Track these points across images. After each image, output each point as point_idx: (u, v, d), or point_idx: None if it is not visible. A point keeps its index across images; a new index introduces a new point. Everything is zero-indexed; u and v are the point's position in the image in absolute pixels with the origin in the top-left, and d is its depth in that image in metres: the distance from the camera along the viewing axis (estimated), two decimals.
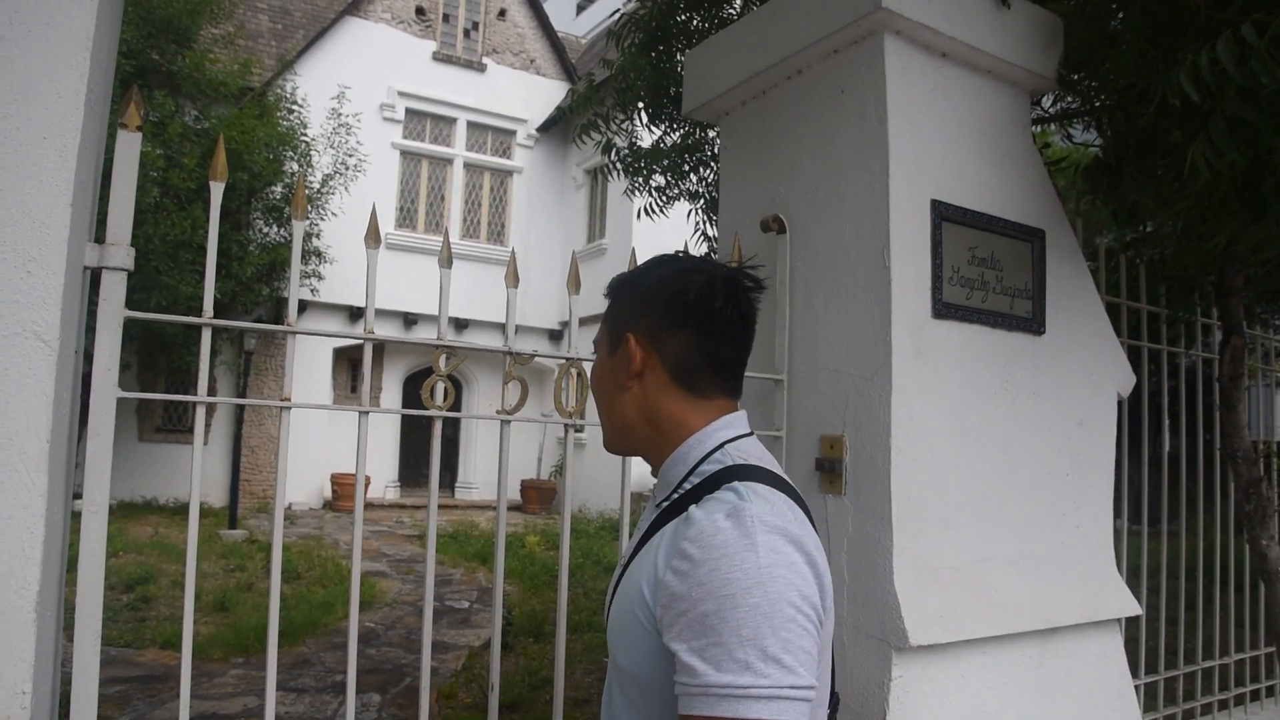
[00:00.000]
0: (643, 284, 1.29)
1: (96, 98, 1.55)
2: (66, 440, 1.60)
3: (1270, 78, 1.74)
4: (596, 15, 34.57)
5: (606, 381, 1.29)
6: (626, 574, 1.18)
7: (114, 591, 7.70)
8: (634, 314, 1.27)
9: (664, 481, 1.25)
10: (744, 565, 1.01)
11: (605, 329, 1.31)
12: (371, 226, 1.94)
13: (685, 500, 1.15)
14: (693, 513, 1.09)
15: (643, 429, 1.27)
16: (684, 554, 1.04)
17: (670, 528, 1.13)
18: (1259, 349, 4.33)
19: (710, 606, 1.00)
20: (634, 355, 1.24)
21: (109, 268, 1.60)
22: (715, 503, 1.09)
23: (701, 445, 1.22)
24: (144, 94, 11.36)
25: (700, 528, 1.05)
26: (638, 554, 1.18)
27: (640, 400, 1.26)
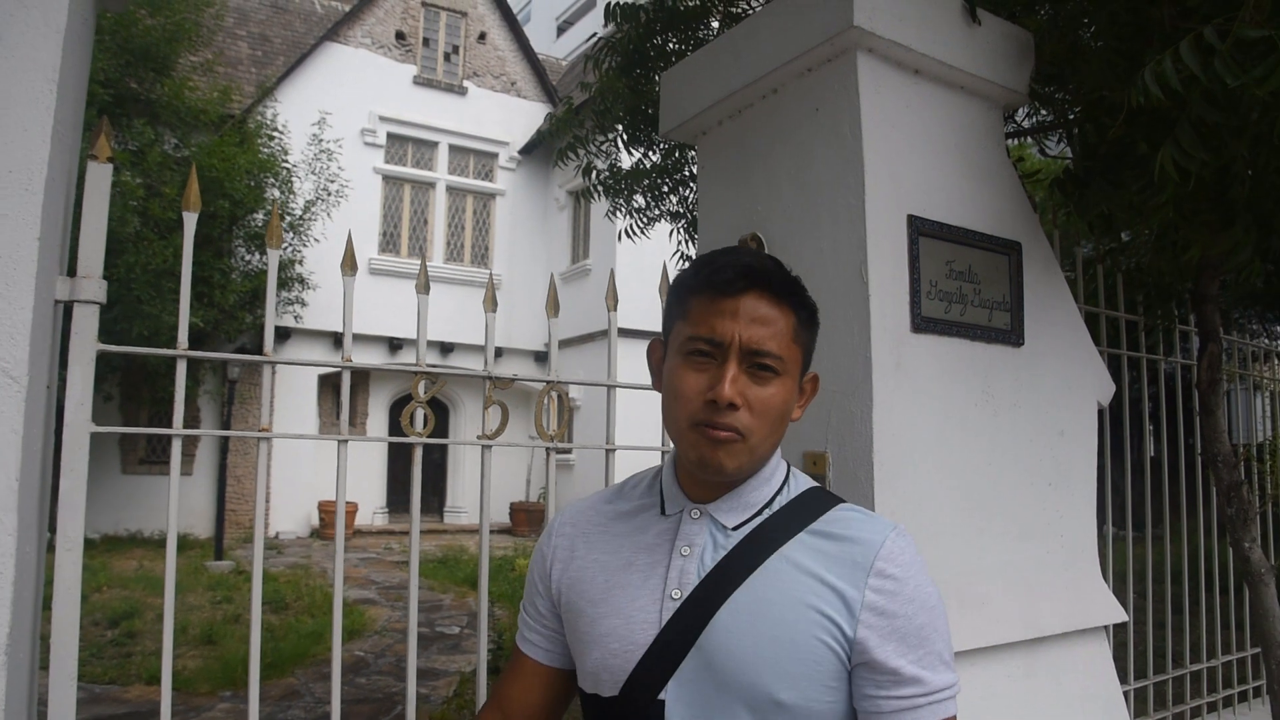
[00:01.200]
0: (815, 311, 1.25)
1: (65, 130, 1.54)
2: (39, 477, 1.58)
3: (1233, 78, 1.76)
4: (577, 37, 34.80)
5: (787, 406, 1.19)
6: (745, 601, 1.12)
7: (98, 627, 7.61)
8: (813, 347, 1.25)
9: (742, 502, 1.19)
10: (931, 581, 1.15)
11: (800, 356, 1.20)
12: (348, 254, 1.94)
13: (791, 521, 1.17)
14: (858, 533, 1.15)
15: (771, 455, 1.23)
16: (884, 573, 1.11)
17: (815, 550, 1.14)
18: (1236, 354, 4.36)
19: (924, 619, 1.11)
20: (811, 393, 1.26)
21: (80, 301, 1.59)
22: (867, 522, 1.17)
23: (781, 467, 1.25)
24: (122, 122, 11.37)
25: (889, 548, 1.12)
26: (747, 578, 1.13)
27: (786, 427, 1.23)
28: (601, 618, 1.20)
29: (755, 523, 1.18)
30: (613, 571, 1.22)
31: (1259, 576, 2.98)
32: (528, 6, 41.43)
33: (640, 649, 1.14)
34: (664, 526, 1.22)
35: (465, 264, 17.01)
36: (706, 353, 1.15)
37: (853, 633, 1.08)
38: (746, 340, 1.13)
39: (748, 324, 1.14)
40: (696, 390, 1.14)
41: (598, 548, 1.27)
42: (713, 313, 1.15)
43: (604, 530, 1.28)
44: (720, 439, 1.13)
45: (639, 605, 1.17)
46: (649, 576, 1.19)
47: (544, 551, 1.32)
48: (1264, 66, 1.74)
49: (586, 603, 1.22)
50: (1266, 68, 1.73)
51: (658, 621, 1.15)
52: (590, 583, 1.23)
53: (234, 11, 16.98)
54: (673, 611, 1.14)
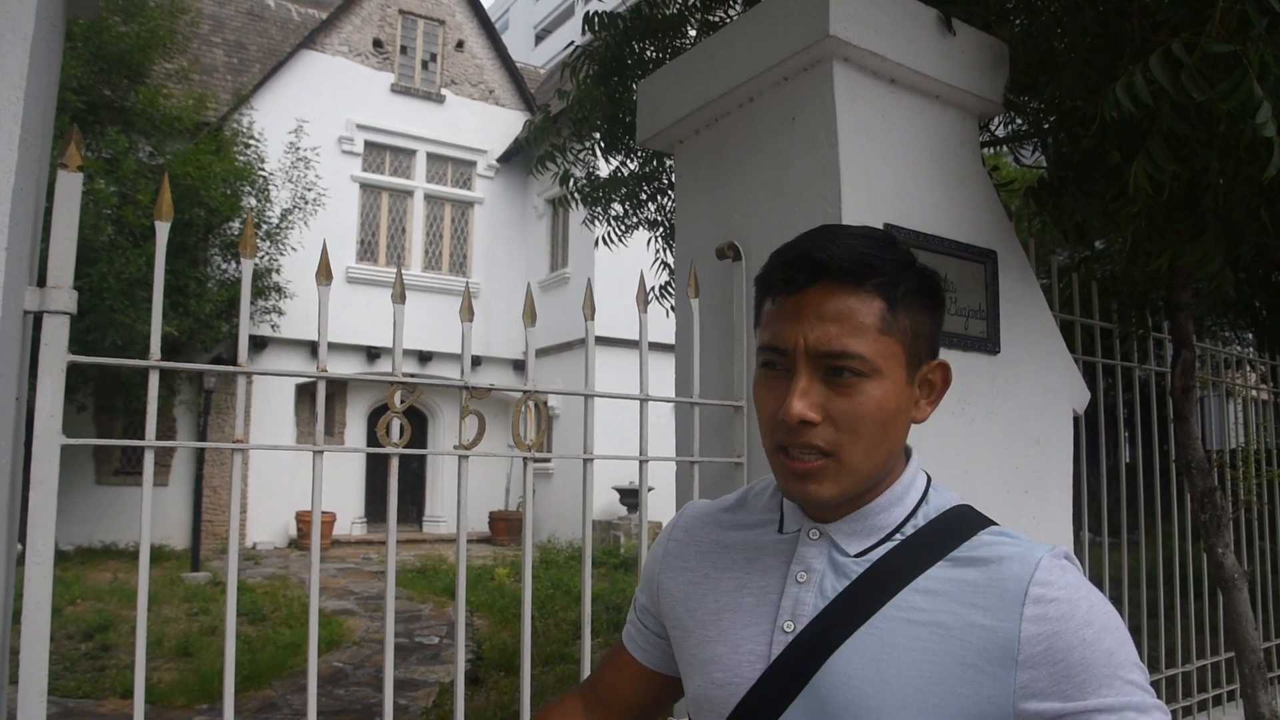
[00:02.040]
0: (928, 284, 1.03)
1: (33, 138, 1.52)
2: (9, 489, 1.56)
3: (1201, 92, 1.79)
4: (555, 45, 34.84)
5: (887, 412, 0.97)
6: (870, 644, 0.95)
7: (72, 640, 7.50)
8: (934, 329, 1.04)
9: (868, 525, 1.02)
10: (1105, 600, 0.94)
11: (899, 347, 0.98)
12: (322, 264, 1.92)
13: (927, 548, 0.99)
14: (1003, 554, 0.95)
15: (891, 467, 1.03)
16: (1043, 599, 0.90)
17: (956, 581, 0.95)
18: (1209, 361, 4.41)
19: (1111, 641, 0.90)
20: (941, 385, 1.06)
21: (50, 311, 1.56)
22: (1015, 543, 0.97)
23: (918, 482, 1.06)
24: (96, 130, 11.26)
25: (1045, 569, 0.92)
26: (873, 616, 0.97)
27: (906, 435, 1.04)
28: (708, 642, 1.08)
29: (883, 550, 1.01)
30: (725, 592, 1.09)
31: (1232, 581, 3.01)
32: (506, 15, 41.46)
33: (746, 683, 1.02)
34: (781, 547, 1.08)
35: (443, 272, 16.96)
36: (774, 363, 1.00)
37: (1012, 678, 0.89)
38: (814, 343, 0.95)
39: (814, 323, 0.96)
40: (772, 410, 0.99)
41: (710, 561, 1.14)
42: (777, 315, 1.00)
43: (718, 542, 1.15)
44: (800, 470, 0.97)
45: (748, 635, 1.04)
46: (761, 602, 1.05)
47: (658, 551, 1.22)
48: (1229, 81, 1.77)
49: (695, 623, 1.11)
50: (1232, 82, 1.77)
51: (766, 656, 1.01)
52: (700, 601, 1.11)
53: (209, 19, 16.88)
54: (784, 646, 1.00)
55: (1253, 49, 1.76)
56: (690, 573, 1.15)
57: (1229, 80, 1.77)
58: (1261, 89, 1.74)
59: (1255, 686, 2.98)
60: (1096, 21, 2.31)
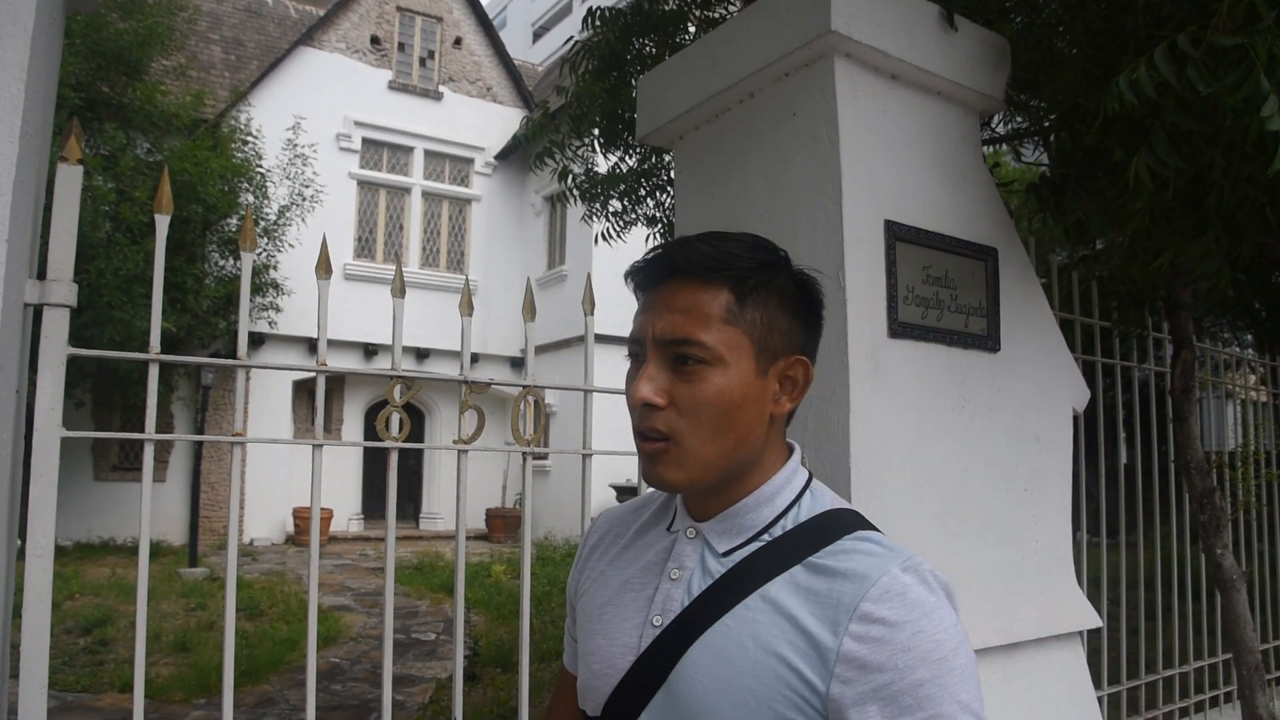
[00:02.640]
0: (782, 285, 1.07)
1: (33, 130, 1.51)
2: (9, 483, 1.55)
3: (1206, 86, 1.78)
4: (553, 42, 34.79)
5: (732, 400, 1.00)
6: (716, 641, 0.98)
7: (70, 635, 7.50)
8: (800, 329, 1.08)
9: (736, 525, 1.05)
10: (945, 624, 0.92)
11: (741, 335, 1.01)
12: (322, 258, 1.92)
13: (788, 551, 1.00)
14: (853, 567, 0.95)
15: (748, 460, 1.05)
16: (870, 617, 0.91)
17: (804, 588, 0.97)
18: (1209, 362, 4.41)
19: (924, 674, 0.89)
20: (803, 383, 1.08)
21: (50, 304, 1.56)
22: (870, 555, 0.97)
23: (793, 483, 1.07)
24: (94, 126, 11.24)
25: (884, 586, 0.92)
26: (723, 615, 0.99)
27: (767, 428, 1.06)
28: (592, 634, 1.12)
29: (748, 550, 1.03)
30: (612, 588, 1.14)
31: (1231, 582, 3.01)
32: (503, 12, 41.39)
33: (619, 674, 1.06)
34: (664, 545, 1.11)
35: (441, 269, 16.94)
36: (634, 354, 1.05)
37: (825, 689, 0.91)
38: (660, 331, 1.01)
39: (663, 313, 1.01)
40: (629, 396, 1.04)
41: (608, 559, 1.18)
42: (639, 309, 1.07)
43: (619, 541, 1.19)
44: (647, 451, 1.02)
45: (624, 628, 1.08)
46: (638, 598, 1.09)
47: (577, 563, 1.26)
48: (1236, 74, 1.76)
49: (585, 617, 1.16)
50: (1238, 76, 1.75)
51: (636, 648, 1.05)
52: (591, 598, 1.16)
53: (207, 16, 16.84)
54: (651, 639, 1.04)
55: (1260, 42, 1.74)
56: (591, 570, 1.20)
57: (1235, 73, 1.75)
58: (1269, 82, 1.72)
59: (1253, 688, 2.98)
60: (1099, 17, 2.30)
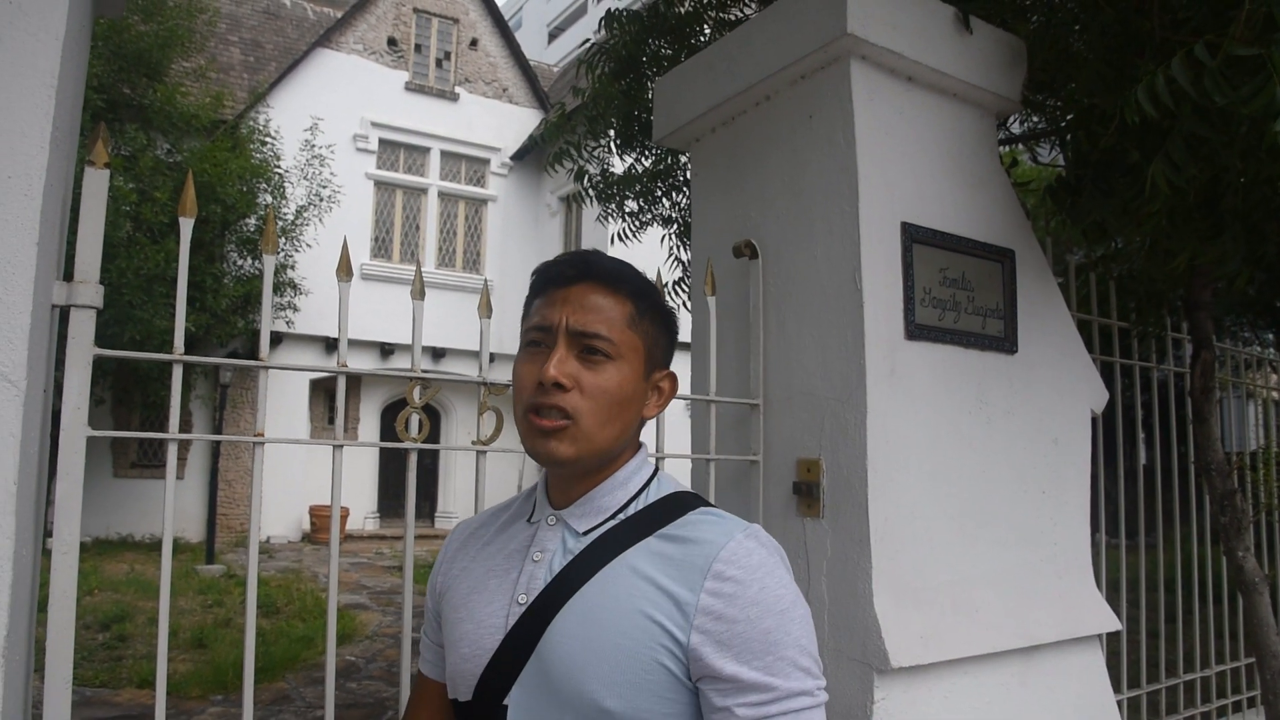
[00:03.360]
0: (664, 308, 1.26)
1: (63, 135, 1.54)
2: (35, 480, 1.58)
3: (1223, 96, 1.78)
4: (568, 43, 34.84)
5: (624, 393, 1.16)
6: (581, 607, 1.10)
7: (89, 630, 7.57)
8: (668, 346, 1.26)
9: (594, 507, 1.18)
10: (784, 581, 1.09)
11: (640, 345, 1.19)
12: (343, 259, 1.94)
13: (642, 525, 1.15)
14: (702, 535, 1.11)
15: (618, 451, 1.20)
16: (722, 575, 1.06)
17: (658, 554, 1.11)
18: (1229, 362, 4.38)
19: (770, 623, 1.05)
20: (669, 393, 1.25)
21: (77, 305, 1.58)
22: (715, 524, 1.13)
23: (642, 471, 1.23)
24: (115, 128, 11.34)
25: (731, 550, 1.08)
26: (585, 584, 1.11)
27: (637, 426, 1.23)
28: (458, 622, 1.21)
29: (606, 528, 1.16)
30: (476, 578, 1.23)
31: (1253, 585, 2.99)
32: (519, 13, 41.47)
33: (488, 654, 1.15)
34: (526, 534, 1.23)
35: (457, 269, 16.99)
36: (539, 341, 1.17)
37: (686, 639, 1.05)
38: (574, 323, 1.15)
39: (576, 309, 1.16)
40: (530, 378, 1.15)
41: (470, 556, 1.28)
42: (546, 303, 1.19)
43: (481, 540, 1.29)
44: (548, 428, 1.12)
45: (490, 610, 1.18)
46: (503, 583, 1.19)
47: (436, 567, 1.34)
48: (1251, 85, 1.76)
49: (450, 609, 1.24)
50: (1254, 86, 1.76)
51: (504, 627, 1.15)
52: (455, 590, 1.25)
53: (226, 18, 16.96)
54: (518, 617, 1.14)
55: (1277, 52, 1.75)
56: (456, 569, 1.29)
57: (1252, 84, 1.75)
58: None
59: (1276, 693, 2.95)
60: (1115, 20, 2.30)
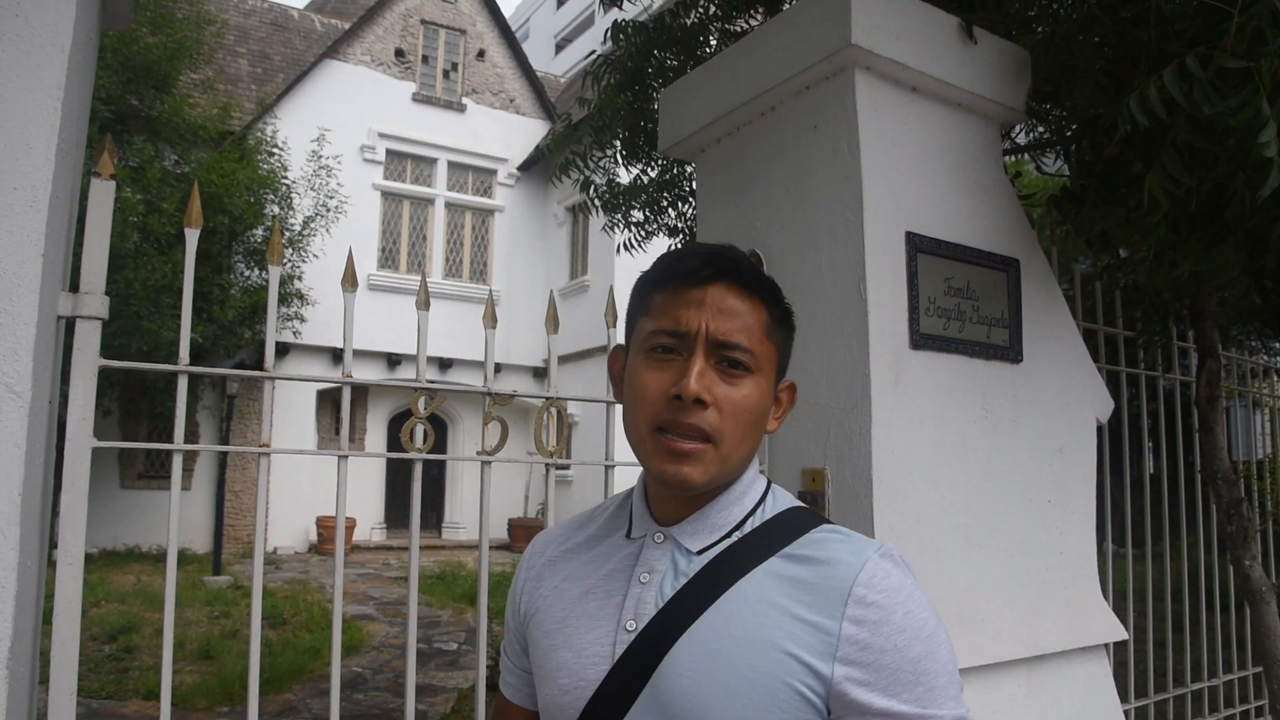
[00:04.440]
0: (791, 312, 1.14)
1: (69, 147, 1.55)
2: (40, 491, 1.58)
3: (1211, 106, 1.81)
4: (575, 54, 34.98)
5: (761, 410, 1.06)
6: (703, 636, 0.99)
7: (96, 641, 7.58)
8: (789, 356, 1.14)
9: (709, 524, 1.07)
10: (924, 603, 1.00)
11: (774, 355, 1.08)
12: (348, 270, 1.94)
13: (762, 545, 1.04)
14: (833, 555, 1.01)
15: (745, 469, 1.10)
16: (864, 601, 0.96)
17: (786, 577, 1.01)
18: (1235, 371, 4.37)
19: (919, 650, 0.96)
20: (787, 405, 1.15)
21: (83, 317, 1.59)
22: (845, 543, 1.03)
23: (757, 485, 1.12)
24: (123, 139, 11.40)
25: (870, 572, 0.98)
26: (707, 610, 1.00)
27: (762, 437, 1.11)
28: (554, 649, 1.09)
29: (722, 547, 1.05)
30: (571, 601, 1.11)
31: (1260, 595, 2.97)
32: (526, 24, 41.67)
33: (592, 685, 1.03)
34: (628, 551, 1.11)
35: (464, 280, 17.03)
36: (670, 347, 1.03)
37: (829, 673, 0.95)
38: (714, 331, 1.02)
39: (715, 314, 1.02)
40: (659, 389, 1.02)
41: (561, 575, 1.16)
42: (677, 303, 1.04)
43: (571, 556, 1.17)
44: (681, 450, 1.01)
45: (591, 638, 1.06)
46: (605, 606, 1.07)
47: (516, 585, 1.23)
48: (1239, 96, 1.80)
49: (542, 634, 1.12)
50: (1242, 98, 1.79)
51: (610, 656, 1.03)
52: (547, 613, 1.13)
53: (234, 29, 17.06)
54: (626, 645, 1.02)
55: (1265, 66, 1.78)
56: (543, 589, 1.17)
57: (1239, 95, 1.79)
58: (1270, 107, 1.76)
59: None
60: (1114, 31, 2.31)
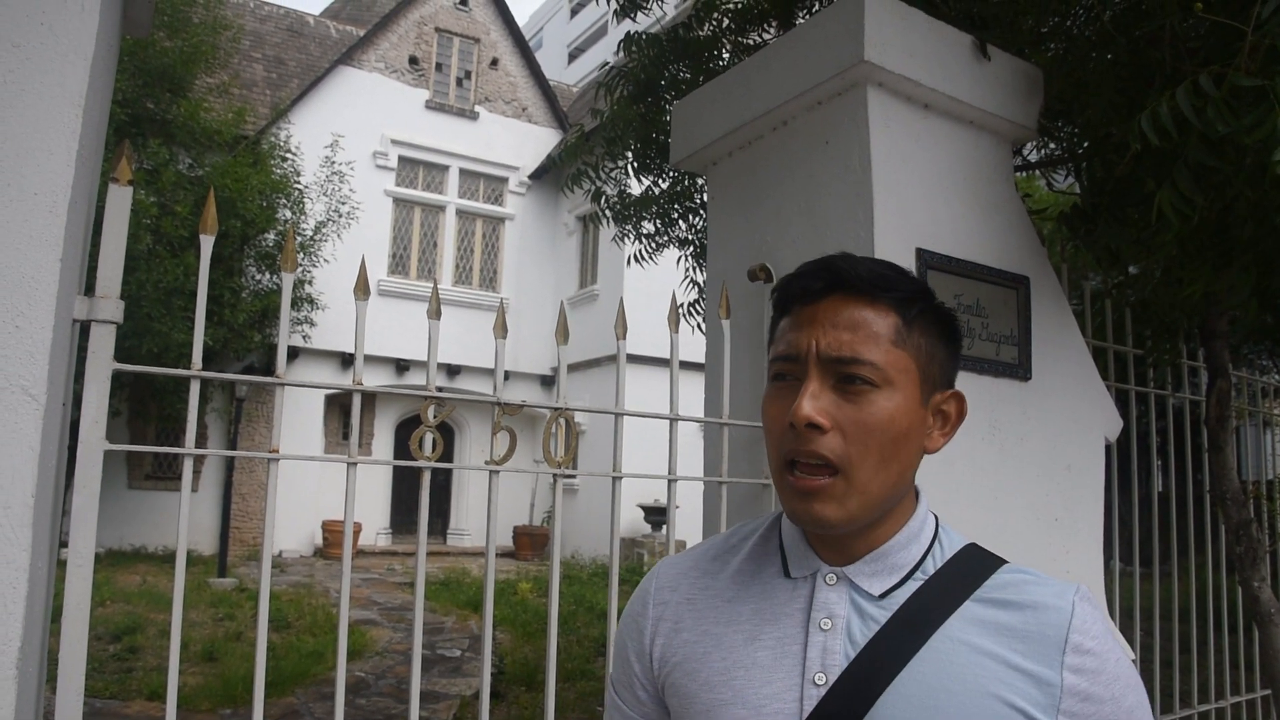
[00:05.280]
0: (942, 312, 1.02)
1: (88, 153, 1.56)
2: (52, 493, 1.59)
3: (1225, 125, 1.80)
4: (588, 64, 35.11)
5: (900, 428, 0.94)
6: (911, 690, 0.90)
7: (101, 641, 7.59)
8: (949, 359, 1.02)
9: (889, 565, 0.98)
10: (1124, 649, 0.99)
11: (908, 359, 0.96)
12: (360, 278, 1.96)
13: (952, 588, 0.97)
14: (1037, 599, 0.94)
15: (901, 496, 1.00)
16: (1081, 649, 0.91)
17: (990, 624, 0.93)
18: (1245, 390, 4.35)
19: (1133, 699, 0.93)
20: (955, 418, 1.03)
21: (98, 320, 1.60)
22: (1044, 586, 0.96)
23: (929, 520, 1.04)
24: (138, 142, 11.48)
25: (1081, 617, 0.93)
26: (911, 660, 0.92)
27: (918, 463, 1.00)
28: (721, 705, 0.96)
29: (907, 589, 0.97)
30: (732, 649, 0.99)
31: (1268, 616, 2.96)
32: (539, 33, 41.84)
33: None
34: (794, 593, 1.00)
35: (474, 287, 17.08)
36: (785, 374, 0.96)
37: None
38: (825, 348, 0.93)
39: (828, 329, 0.93)
40: (779, 422, 0.95)
41: (709, 618, 1.02)
42: (792, 326, 0.97)
43: (714, 596, 1.04)
44: (807, 488, 0.92)
45: (771, 692, 0.95)
46: (781, 655, 0.96)
47: (640, 624, 1.07)
48: (1254, 115, 1.78)
49: (700, 686, 0.99)
50: (1256, 116, 1.78)
51: (798, 713, 0.93)
52: (703, 662, 0.99)
53: (250, 35, 17.19)
54: (817, 700, 0.92)
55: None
56: (687, 633, 1.03)
57: (1254, 114, 1.77)
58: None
59: None
60: (1127, 50, 2.31)
